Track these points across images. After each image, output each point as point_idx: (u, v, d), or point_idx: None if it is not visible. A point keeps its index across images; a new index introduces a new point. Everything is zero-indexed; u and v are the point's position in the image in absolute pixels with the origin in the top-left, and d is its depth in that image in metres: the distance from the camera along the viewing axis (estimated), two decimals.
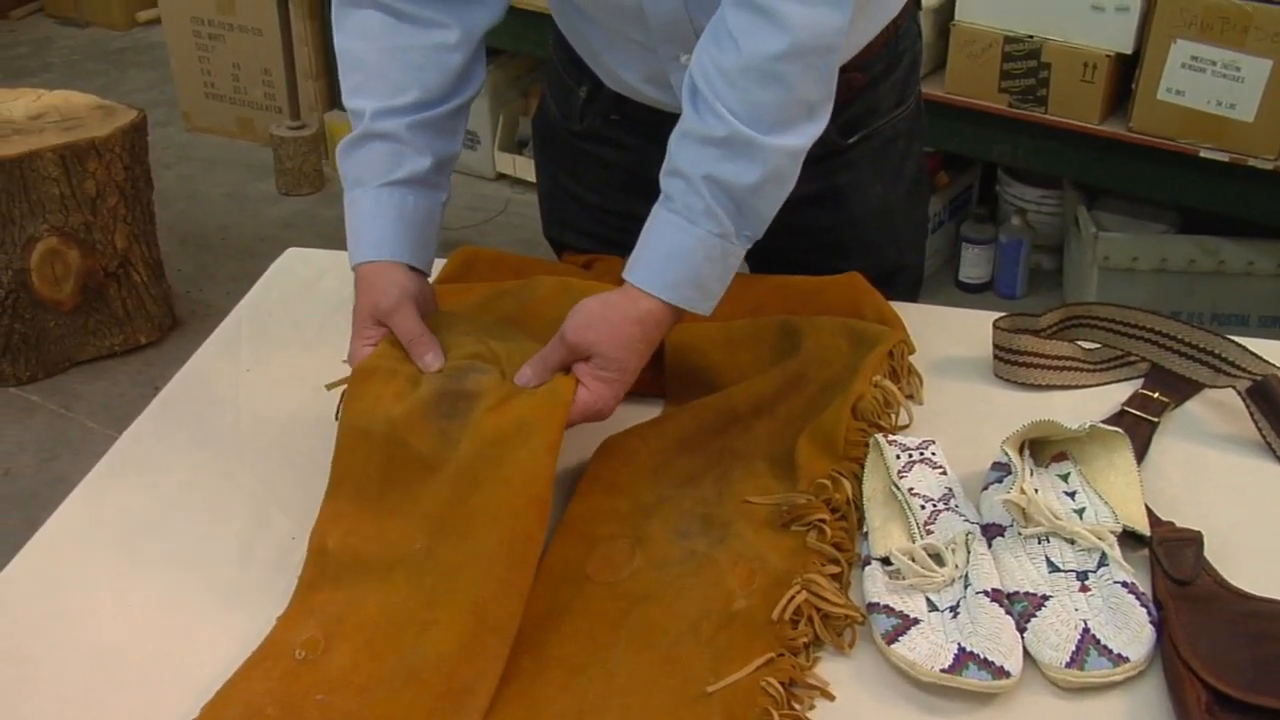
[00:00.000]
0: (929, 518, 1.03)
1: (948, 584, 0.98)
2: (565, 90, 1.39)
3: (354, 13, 1.19)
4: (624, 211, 1.20)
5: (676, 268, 1.06)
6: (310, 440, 1.17)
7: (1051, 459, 1.10)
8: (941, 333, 1.33)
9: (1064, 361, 1.26)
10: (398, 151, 1.18)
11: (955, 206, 3.15)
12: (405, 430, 1.02)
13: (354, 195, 1.20)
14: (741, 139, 1.03)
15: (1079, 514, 1.03)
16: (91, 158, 2.66)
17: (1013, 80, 2.58)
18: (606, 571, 1.02)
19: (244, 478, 1.15)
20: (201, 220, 3.51)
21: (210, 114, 3.96)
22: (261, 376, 1.30)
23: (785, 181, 1.07)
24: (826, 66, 1.06)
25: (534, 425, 1.01)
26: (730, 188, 1.04)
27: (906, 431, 1.18)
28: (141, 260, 2.84)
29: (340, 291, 1.44)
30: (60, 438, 2.65)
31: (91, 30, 4.80)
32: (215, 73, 3.88)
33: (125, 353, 2.88)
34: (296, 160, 3.61)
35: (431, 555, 0.98)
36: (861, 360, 1.16)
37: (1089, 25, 2.48)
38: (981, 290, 3.07)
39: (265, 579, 1.03)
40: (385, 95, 1.17)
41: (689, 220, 1.05)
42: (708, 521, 1.06)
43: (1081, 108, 2.54)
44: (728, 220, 1.05)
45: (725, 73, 1.04)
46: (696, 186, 1.05)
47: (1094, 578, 0.97)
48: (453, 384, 1.06)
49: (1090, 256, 2.74)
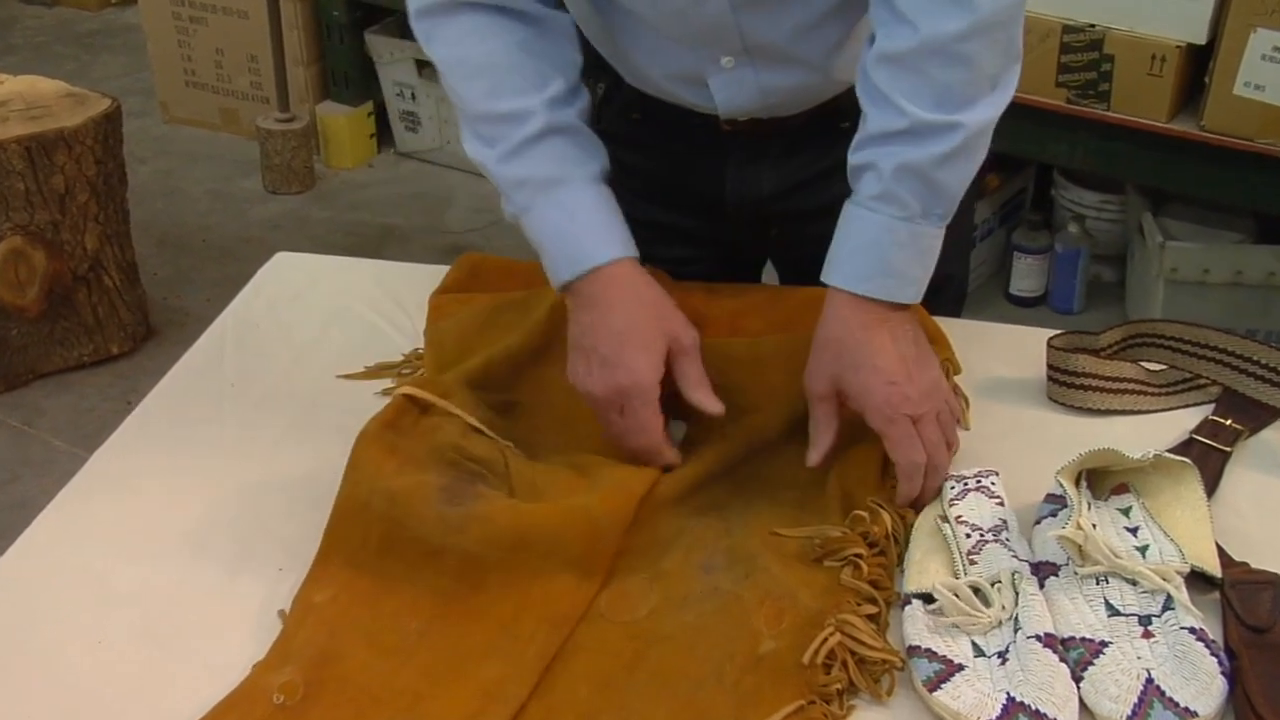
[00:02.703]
0: (974, 547, 1.03)
1: (995, 626, 0.98)
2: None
3: (453, 19, 1.20)
4: (642, 219, 1.21)
5: (866, 260, 1.12)
6: (301, 463, 1.18)
7: (1111, 492, 1.10)
8: (990, 351, 1.33)
9: (1126, 384, 1.26)
10: (584, 143, 1.20)
11: (1006, 212, 3.15)
12: (404, 511, 1.04)
13: (560, 196, 1.18)
14: (924, 124, 1.09)
15: (1141, 552, 1.03)
16: (60, 150, 2.68)
17: (1072, 74, 2.58)
18: (622, 609, 1.03)
19: (227, 503, 1.16)
20: (180, 220, 3.53)
21: (190, 104, 3.99)
22: (247, 392, 1.31)
23: (974, 155, 1.12)
24: (1009, 39, 1.10)
25: (568, 540, 1.03)
26: (915, 170, 1.10)
27: (953, 460, 1.18)
28: (114, 263, 2.86)
29: (334, 300, 1.45)
30: (22, 457, 2.67)
31: (60, 10, 4.84)
32: (196, 59, 3.91)
33: (95, 364, 2.90)
34: (285, 156, 3.63)
35: (426, 638, 1.01)
36: None
37: (1157, 13, 2.48)
38: (1035, 304, 3.07)
39: (249, 614, 1.04)
40: (537, 89, 1.18)
41: (870, 209, 1.11)
42: (732, 555, 1.06)
43: (1148, 104, 2.54)
44: (914, 203, 1.11)
45: (901, 59, 1.08)
46: (880, 174, 1.10)
47: (1158, 623, 0.97)
48: (459, 471, 1.09)
49: (1156, 268, 2.74)
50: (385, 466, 1.07)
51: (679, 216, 1.41)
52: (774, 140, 1.34)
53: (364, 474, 1.07)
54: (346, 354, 1.35)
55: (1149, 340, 1.31)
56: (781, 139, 1.34)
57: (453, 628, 1.01)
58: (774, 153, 1.35)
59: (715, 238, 1.43)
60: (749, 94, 1.27)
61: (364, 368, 1.33)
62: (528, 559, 1.03)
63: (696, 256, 1.43)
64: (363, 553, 1.05)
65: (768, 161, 1.35)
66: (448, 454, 1.10)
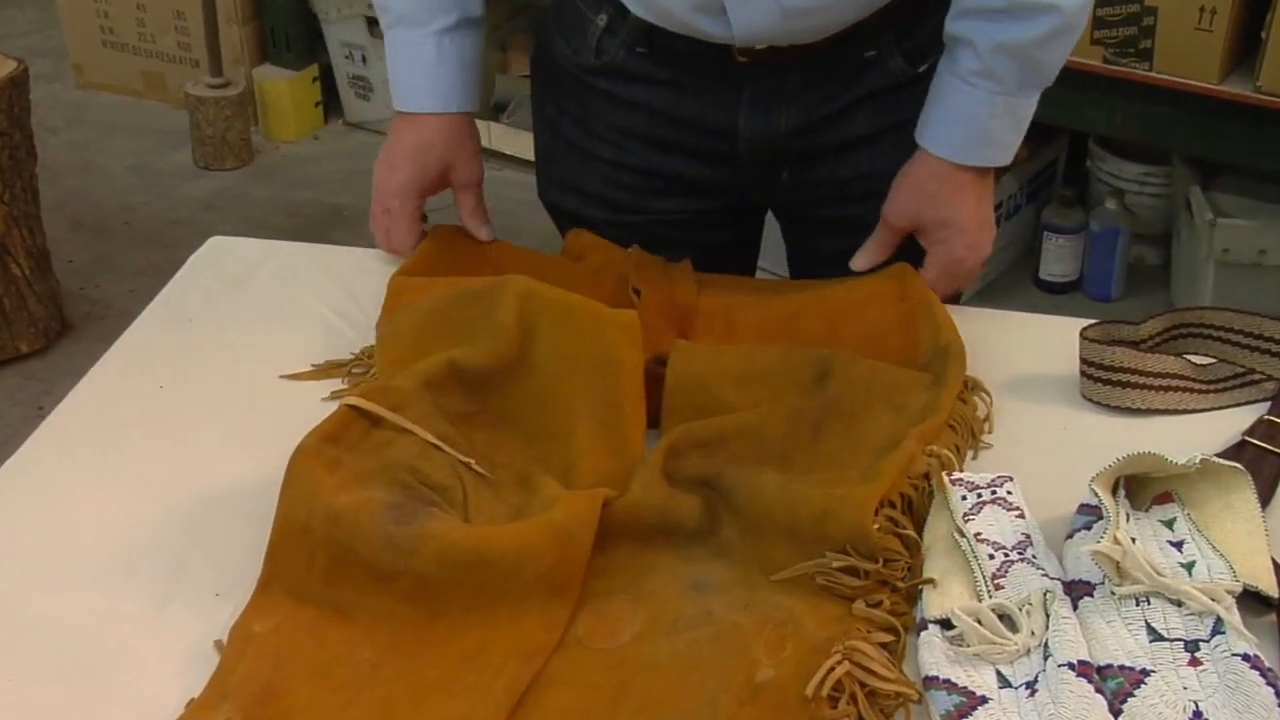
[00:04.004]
0: (998, 570, 1.04)
1: (1023, 654, 0.99)
2: (577, 20, 1.44)
3: None
4: (643, 167, 1.27)
5: (965, 133, 1.32)
6: (241, 476, 1.19)
7: (1153, 501, 1.11)
8: (1016, 343, 1.34)
9: (1169, 380, 1.27)
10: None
11: (1035, 187, 3.16)
12: (349, 533, 1.04)
13: (410, 35, 1.44)
14: (1021, 6, 1.25)
15: (1187, 569, 1.03)
16: None
17: (1109, 29, 2.59)
18: (601, 635, 1.04)
19: (156, 522, 1.16)
20: (98, 200, 3.53)
21: (109, 67, 3.98)
22: (178, 396, 1.31)
23: (1071, 35, 1.29)
24: None
25: (534, 553, 1.04)
26: (1013, 50, 1.28)
27: (974, 466, 1.19)
28: (22, 249, 2.85)
29: (278, 290, 1.45)
30: None
31: None
32: (114, 15, 3.90)
33: (1, 364, 2.90)
34: (219, 126, 3.63)
35: (380, 671, 1.01)
36: (909, 432, 1.18)
37: None
38: (1068, 291, 3.08)
39: (182, 646, 1.04)
40: None
41: (969, 84, 1.30)
42: (727, 572, 1.07)
43: (1196, 63, 2.55)
44: (1012, 80, 1.30)
45: None
46: (978, 52, 1.28)
47: (1206, 648, 0.98)
48: (408, 489, 1.10)
49: (1205, 249, 2.75)
50: (326, 483, 1.08)
51: (682, 162, 1.44)
52: (792, 72, 1.38)
53: (301, 492, 1.08)
54: (291, 351, 1.35)
55: (1196, 330, 1.32)
56: (800, 71, 1.38)
57: (410, 659, 1.02)
58: (792, 86, 1.39)
59: (719, 186, 1.46)
60: (769, 16, 1.31)
61: (311, 366, 1.33)
62: (491, 579, 1.03)
63: (698, 210, 1.46)
64: (307, 578, 1.06)
65: (785, 96, 1.40)
66: (400, 475, 1.11)
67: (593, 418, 1.20)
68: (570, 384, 1.21)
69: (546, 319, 1.24)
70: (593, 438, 1.19)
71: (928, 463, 1.14)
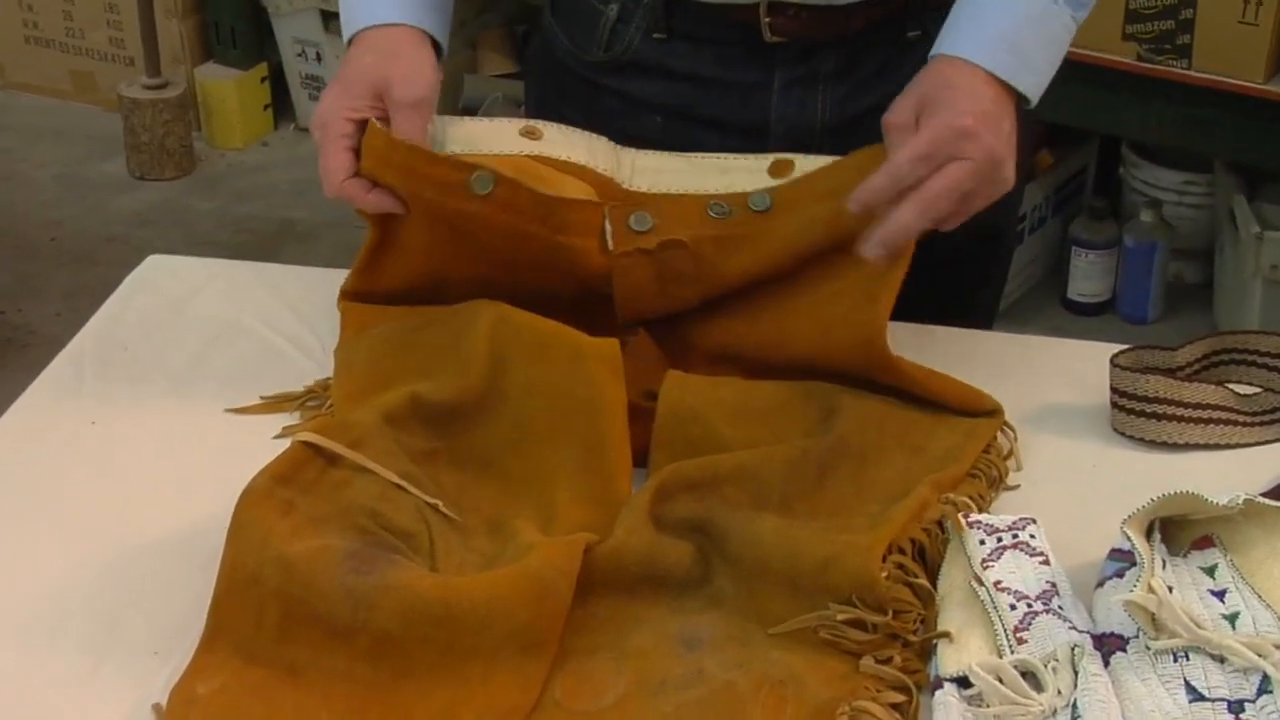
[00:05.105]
0: (1021, 622, 1.04)
1: (1048, 715, 0.99)
2: (584, 11, 1.45)
3: None
4: None
5: (991, 24, 1.26)
6: (181, 521, 1.19)
7: (1192, 546, 1.11)
8: (1042, 371, 1.35)
9: (1210, 412, 1.28)
10: None
11: (1063, 198, 3.17)
12: (303, 584, 1.05)
13: None
14: None
15: (1230, 621, 1.04)
16: None
17: (1143, 23, 2.60)
18: (582, 696, 1.04)
19: (88, 572, 1.15)
20: (21, 213, 3.52)
21: (33, 65, 3.98)
22: (112, 432, 1.31)
23: None
24: None
25: (508, 606, 1.04)
26: None
27: (995, 507, 1.20)
28: None
29: (223, 314, 1.45)
30: None
31: None
32: (39, 8, 3.90)
33: None
34: (156, 132, 3.62)
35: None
36: (924, 478, 1.18)
37: None
38: (1099, 312, 3.09)
39: (117, 710, 1.03)
40: None
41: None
42: (721, 627, 1.08)
43: (1239, 60, 2.56)
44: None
45: None
46: None
47: (1252, 709, 0.98)
48: (368, 535, 1.10)
49: (1251, 265, 2.76)
50: (277, 529, 1.08)
51: None
52: (828, 53, 1.40)
53: (251, 539, 1.08)
54: (237, 382, 1.35)
55: (1239, 356, 1.33)
56: (836, 51, 1.40)
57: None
58: (828, 68, 1.41)
59: None
60: None
61: (260, 399, 1.34)
62: (460, 634, 1.03)
63: None
64: (256, 634, 1.06)
65: (820, 80, 1.42)
66: (359, 519, 1.11)
67: (573, 462, 1.20)
68: (547, 422, 1.22)
69: (518, 349, 1.25)
70: (574, 484, 1.19)
71: (943, 510, 1.14)
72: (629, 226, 1.30)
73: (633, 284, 1.30)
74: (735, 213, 1.30)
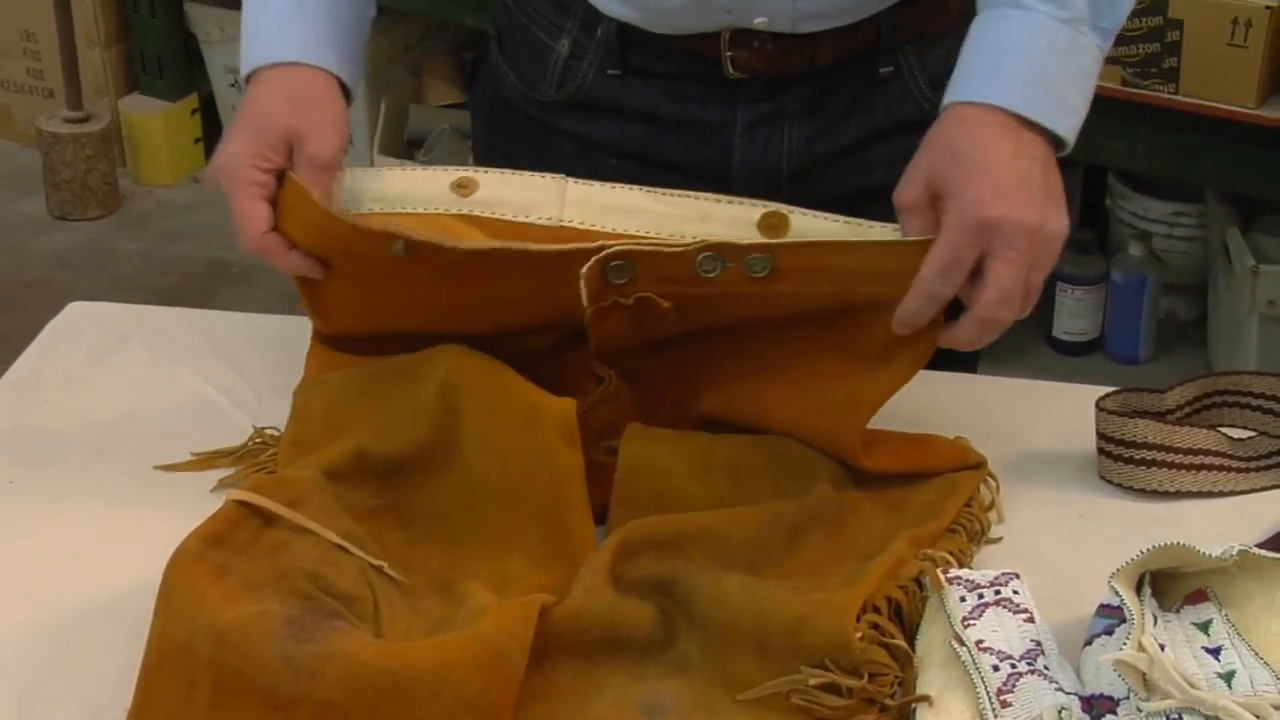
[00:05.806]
0: (1005, 684, 1.05)
1: None
2: (534, 48, 1.45)
3: None
4: None
5: (1014, 66, 1.21)
6: (107, 587, 1.18)
7: (1185, 600, 1.12)
8: (1026, 415, 1.36)
9: (1202, 458, 1.29)
10: None
11: None
12: (238, 654, 1.04)
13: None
14: None
15: (1226, 680, 1.04)
16: None
17: (1128, 46, 2.61)
18: None
19: (5, 643, 1.15)
20: None
21: None
22: (32, 492, 1.31)
23: None
24: None
25: (459, 674, 1.03)
26: None
27: (976, 561, 1.21)
28: None
29: (151, 363, 1.45)
30: None
31: None
32: None
33: None
34: (78, 169, 3.62)
35: None
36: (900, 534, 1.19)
37: None
38: (1087, 351, 3.10)
39: None
40: None
41: (1020, 6, 1.22)
42: (686, 693, 1.08)
43: (1229, 84, 2.57)
44: (1081, 2, 1.22)
45: None
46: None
47: None
48: (308, 600, 1.10)
49: (1247, 301, 2.77)
50: (209, 595, 1.07)
51: None
52: (794, 89, 1.40)
53: (181, 607, 1.07)
54: (166, 438, 1.35)
55: (1232, 399, 1.33)
56: (803, 88, 1.40)
57: None
58: (794, 106, 1.41)
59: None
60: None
61: (191, 455, 1.33)
62: (407, 705, 1.03)
63: None
64: (188, 709, 1.05)
65: (786, 118, 1.41)
66: (299, 583, 1.11)
67: (530, 522, 1.21)
68: (501, 483, 1.22)
69: (472, 402, 1.25)
70: (529, 544, 1.20)
71: (921, 566, 1.15)
72: (606, 279, 1.24)
73: (608, 333, 1.28)
74: (727, 271, 1.24)
